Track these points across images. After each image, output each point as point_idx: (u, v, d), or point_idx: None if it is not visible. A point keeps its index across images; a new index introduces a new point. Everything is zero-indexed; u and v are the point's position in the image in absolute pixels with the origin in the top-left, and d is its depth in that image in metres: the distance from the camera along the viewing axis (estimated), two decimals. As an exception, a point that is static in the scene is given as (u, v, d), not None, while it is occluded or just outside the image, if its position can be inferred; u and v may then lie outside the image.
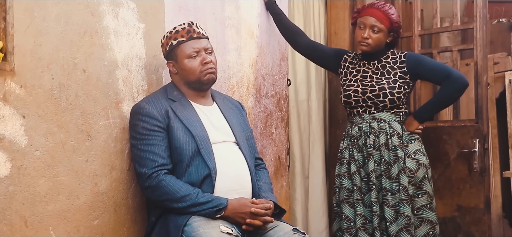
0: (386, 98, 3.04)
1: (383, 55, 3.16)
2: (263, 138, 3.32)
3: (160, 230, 2.36)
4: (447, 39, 5.11)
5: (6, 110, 1.96)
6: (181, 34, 2.43)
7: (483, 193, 3.59)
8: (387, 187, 3.02)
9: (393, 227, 2.98)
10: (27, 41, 2.03)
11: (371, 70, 3.15)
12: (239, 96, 3.11)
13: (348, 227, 3.10)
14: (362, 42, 3.08)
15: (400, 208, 2.99)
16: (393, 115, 3.09)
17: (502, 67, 4.38)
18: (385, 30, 3.07)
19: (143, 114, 2.36)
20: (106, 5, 2.36)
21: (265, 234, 2.38)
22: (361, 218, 3.07)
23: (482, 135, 3.56)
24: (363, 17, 3.09)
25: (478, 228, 3.61)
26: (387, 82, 3.06)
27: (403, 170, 3.00)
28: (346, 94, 3.14)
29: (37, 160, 2.07)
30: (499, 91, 4.35)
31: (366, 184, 3.09)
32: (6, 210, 1.96)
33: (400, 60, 3.13)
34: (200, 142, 2.37)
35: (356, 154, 3.12)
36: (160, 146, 2.35)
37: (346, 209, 3.12)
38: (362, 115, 3.11)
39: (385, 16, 3.05)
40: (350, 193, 3.13)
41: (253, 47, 3.26)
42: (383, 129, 3.06)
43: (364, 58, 3.19)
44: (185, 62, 2.44)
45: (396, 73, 3.09)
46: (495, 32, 4.92)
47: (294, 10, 4.10)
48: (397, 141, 3.05)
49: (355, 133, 3.13)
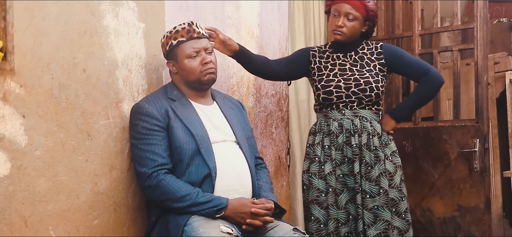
0: (372, 92, 2.87)
1: (358, 46, 2.97)
2: (263, 137, 3.31)
3: (160, 230, 2.35)
4: (447, 38, 5.11)
5: (6, 110, 1.96)
6: (181, 34, 2.43)
7: (484, 193, 3.58)
8: (366, 190, 2.83)
9: (371, 231, 2.80)
10: (27, 41, 2.03)
11: (348, 63, 2.95)
12: (239, 95, 3.11)
13: (317, 229, 2.86)
14: (336, 31, 2.88)
15: (379, 212, 2.82)
16: (373, 113, 2.92)
17: (503, 67, 4.37)
18: (360, 19, 2.88)
19: (143, 113, 2.36)
20: (106, 4, 2.36)
21: (266, 234, 2.37)
22: (334, 221, 2.85)
23: (483, 135, 3.56)
24: (337, 4, 2.88)
25: (478, 228, 3.61)
26: (370, 75, 2.89)
27: (384, 172, 2.85)
28: (326, 91, 2.89)
29: (37, 159, 2.07)
30: (500, 91, 4.34)
31: (341, 184, 2.87)
32: (5, 209, 1.96)
33: (376, 51, 2.96)
34: (200, 142, 2.37)
35: (334, 153, 2.89)
36: (160, 146, 2.35)
37: (315, 210, 2.88)
38: (342, 110, 2.90)
39: (361, 4, 2.86)
40: (320, 194, 2.88)
41: (253, 47, 3.26)
42: (365, 128, 2.87)
43: (338, 49, 2.99)
44: (185, 62, 2.44)
45: (376, 65, 2.92)
46: (495, 32, 4.91)
47: (294, 10, 4.10)
48: (377, 142, 2.88)
49: (335, 130, 2.89)
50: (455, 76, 3.74)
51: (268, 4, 3.41)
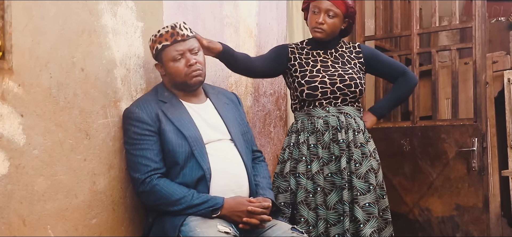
0: (357, 88, 2.85)
1: (337, 44, 2.96)
2: (261, 137, 3.32)
3: (157, 230, 2.35)
4: (445, 38, 5.11)
5: (4, 109, 1.96)
6: (165, 38, 2.41)
7: (482, 192, 3.59)
8: (357, 187, 2.77)
9: (367, 229, 2.74)
10: (25, 40, 2.03)
11: (330, 60, 2.92)
12: (238, 95, 3.10)
13: (306, 231, 2.75)
14: (316, 28, 2.85)
15: (371, 209, 2.77)
16: (356, 110, 2.91)
17: (501, 66, 4.38)
18: (340, 15, 2.85)
19: (133, 118, 2.36)
20: (105, 4, 2.36)
21: (263, 234, 2.37)
22: (324, 222, 2.78)
23: (481, 134, 3.56)
24: (317, 1, 2.84)
25: (476, 227, 3.61)
26: (353, 71, 2.88)
27: (370, 169, 2.82)
28: (311, 86, 2.83)
29: (35, 159, 2.06)
30: (498, 90, 4.35)
31: (330, 183, 2.81)
32: (4, 209, 1.96)
33: (355, 50, 2.97)
34: (193, 143, 2.36)
35: (320, 151, 2.82)
36: (152, 150, 2.34)
37: (304, 211, 2.78)
38: (326, 107, 2.85)
39: (341, 1, 2.84)
40: (309, 194, 2.80)
41: (251, 46, 3.26)
42: (350, 124, 2.84)
43: (317, 47, 2.95)
44: (170, 65, 2.43)
45: (356, 63, 2.93)
46: (493, 31, 4.92)
47: (293, 9, 4.10)
48: (362, 138, 2.86)
49: (321, 127, 2.83)
50: (453, 75, 3.74)
51: (267, 4, 3.41)
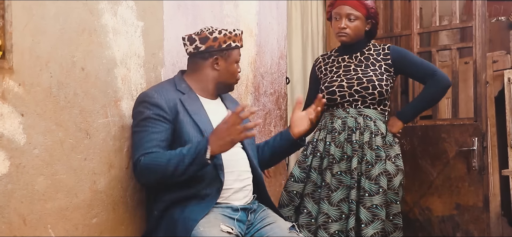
0: (375, 90, 2.89)
1: (364, 46, 3.04)
2: (262, 136, 3.32)
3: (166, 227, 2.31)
4: (446, 37, 5.11)
5: (4, 108, 1.96)
6: (238, 39, 2.51)
7: (482, 191, 3.59)
8: (366, 188, 2.83)
9: (369, 229, 2.79)
10: (25, 39, 2.03)
11: (353, 63, 3.01)
12: (237, 94, 3.11)
13: (308, 223, 2.87)
14: (340, 33, 2.96)
15: (377, 211, 2.81)
16: (379, 113, 2.95)
17: (501, 66, 4.38)
18: (361, 18, 2.95)
19: (151, 102, 2.34)
20: (105, 3, 2.36)
21: (262, 232, 2.38)
22: (324, 216, 2.83)
23: (481, 134, 3.56)
24: (337, 8, 2.96)
25: (476, 227, 3.61)
26: (374, 74, 2.92)
27: (384, 172, 2.85)
28: (329, 91, 2.94)
29: (36, 158, 2.07)
30: (498, 89, 4.35)
31: (337, 181, 2.87)
32: (4, 208, 1.96)
33: (383, 52, 3.01)
34: None
35: (332, 149, 2.90)
36: (160, 134, 2.31)
37: (309, 204, 2.89)
38: (347, 109, 2.94)
39: (359, 3, 2.93)
40: (317, 189, 2.91)
41: (251, 45, 3.26)
42: (368, 126, 2.89)
43: (344, 52, 3.06)
44: (233, 66, 2.51)
45: (381, 65, 2.97)
46: (494, 31, 4.92)
47: (292, 9, 4.10)
48: (380, 141, 2.90)
49: (338, 127, 2.93)
50: (453, 75, 3.74)
51: (267, 3, 3.41)
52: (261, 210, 2.49)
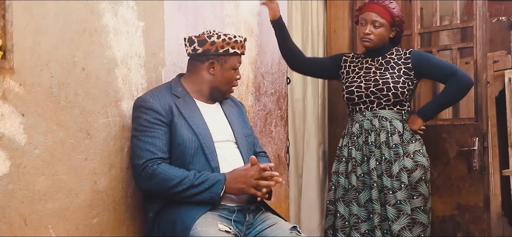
0: (389, 92, 3.03)
1: (387, 51, 3.16)
2: (262, 136, 3.32)
3: (163, 227, 2.32)
4: (446, 37, 5.11)
5: (5, 108, 1.96)
6: (238, 46, 2.48)
7: (483, 191, 3.59)
8: (388, 186, 2.99)
9: (395, 225, 2.96)
10: (26, 39, 2.03)
11: (374, 66, 3.15)
12: (238, 94, 3.11)
13: (342, 226, 3.09)
14: (364, 38, 3.10)
15: (402, 206, 2.97)
16: (395, 113, 3.07)
17: (502, 66, 4.37)
18: (386, 25, 3.08)
19: (147, 107, 2.35)
20: (105, 3, 2.36)
21: (263, 232, 2.37)
22: (354, 217, 3.05)
23: (482, 134, 3.56)
24: (364, 13, 3.10)
25: (477, 227, 3.61)
26: (391, 76, 3.06)
27: (403, 168, 2.99)
28: (348, 91, 3.13)
29: (37, 158, 2.07)
30: (499, 89, 4.34)
31: (362, 183, 3.07)
32: (5, 208, 1.96)
33: (404, 56, 3.13)
34: (204, 141, 2.37)
35: (354, 152, 3.10)
36: (161, 140, 2.33)
37: (341, 207, 3.11)
38: (363, 112, 3.10)
39: (386, 11, 3.06)
40: (346, 192, 3.11)
41: (252, 45, 3.26)
42: (384, 127, 3.05)
43: (368, 55, 3.20)
44: (230, 72, 2.49)
45: (401, 68, 3.09)
46: (494, 31, 4.91)
47: (292, 9, 4.10)
48: (397, 139, 3.03)
49: (356, 131, 3.12)
50: (454, 75, 3.73)
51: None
52: (260, 212, 2.48)
